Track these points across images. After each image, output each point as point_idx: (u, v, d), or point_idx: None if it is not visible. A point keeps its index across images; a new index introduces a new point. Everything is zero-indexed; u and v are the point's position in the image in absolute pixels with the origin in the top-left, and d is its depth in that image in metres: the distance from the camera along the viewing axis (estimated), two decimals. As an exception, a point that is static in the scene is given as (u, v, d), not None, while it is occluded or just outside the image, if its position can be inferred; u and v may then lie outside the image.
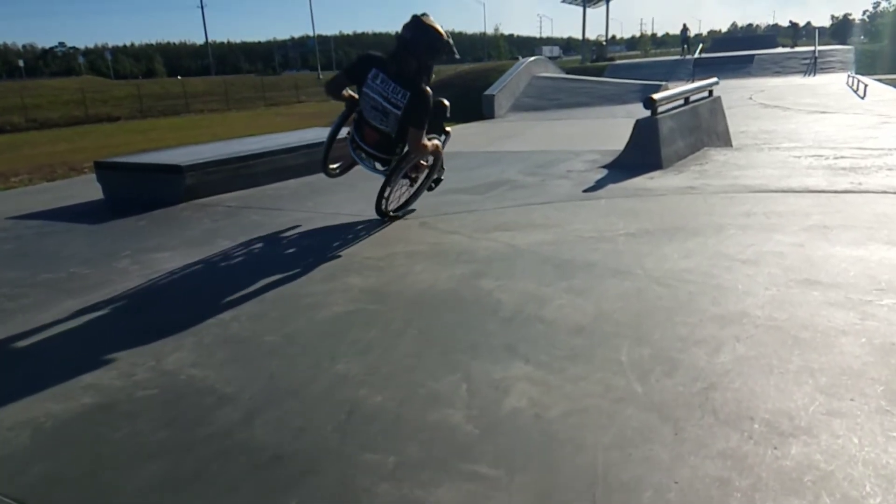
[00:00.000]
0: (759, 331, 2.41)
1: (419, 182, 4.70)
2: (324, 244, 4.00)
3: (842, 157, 6.02)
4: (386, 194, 4.36)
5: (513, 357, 2.29)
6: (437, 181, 4.85)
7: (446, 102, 4.51)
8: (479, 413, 1.90)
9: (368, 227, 4.41)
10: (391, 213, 4.54)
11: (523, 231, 4.14)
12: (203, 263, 3.69)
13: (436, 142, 4.41)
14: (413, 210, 4.77)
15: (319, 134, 7.55)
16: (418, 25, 3.95)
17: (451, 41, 4.06)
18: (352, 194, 5.68)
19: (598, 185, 5.44)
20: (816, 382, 2.02)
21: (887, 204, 4.22)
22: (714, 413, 1.86)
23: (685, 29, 35.96)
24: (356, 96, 4.26)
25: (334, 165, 4.70)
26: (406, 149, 4.14)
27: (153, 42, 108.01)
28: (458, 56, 4.51)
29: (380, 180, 4.37)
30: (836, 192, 4.64)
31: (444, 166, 4.83)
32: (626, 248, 3.59)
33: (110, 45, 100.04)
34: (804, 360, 2.17)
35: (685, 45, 33.86)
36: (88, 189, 6.19)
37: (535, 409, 1.91)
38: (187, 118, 34.74)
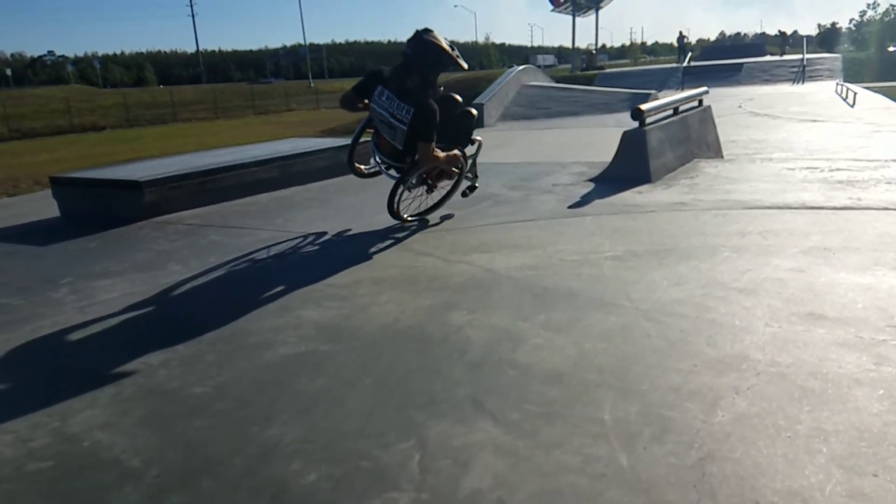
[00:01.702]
0: (761, 380, 2.10)
1: (447, 191, 4.70)
2: (284, 269, 3.67)
3: (837, 170, 5.76)
4: (396, 198, 4.36)
5: (478, 414, 1.97)
6: (472, 188, 4.80)
7: (473, 111, 4.58)
8: (431, 498, 1.58)
9: (337, 247, 4.09)
10: (407, 218, 4.55)
11: (503, 253, 3.83)
12: (146, 292, 3.35)
13: (455, 152, 4.37)
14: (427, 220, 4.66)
15: (296, 145, 7.25)
16: (419, 41, 3.99)
17: (454, 54, 4.08)
18: (324, 210, 5.37)
19: (584, 200, 5.15)
20: (831, 450, 1.71)
21: (890, 222, 3.94)
22: (712, 496, 1.54)
23: (682, 37, 35.90)
24: None
25: (365, 166, 4.75)
26: (417, 158, 4.16)
27: (143, 50, 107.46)
28: (466, 68, 4.46)
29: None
30: (834, 208, 4.36)
31: (478, 174, 4.83)
32: (612, 274, 3.29)
33: (100, 53, 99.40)
34: (815, 419, 1.87)
35: (683, 53, 33.75)
36: (47, 206, 5.83)
37: (499, 492, 1.59)
38: (174, 127, 34.29)
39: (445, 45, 4.04)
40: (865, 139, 10.37)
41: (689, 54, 33.36)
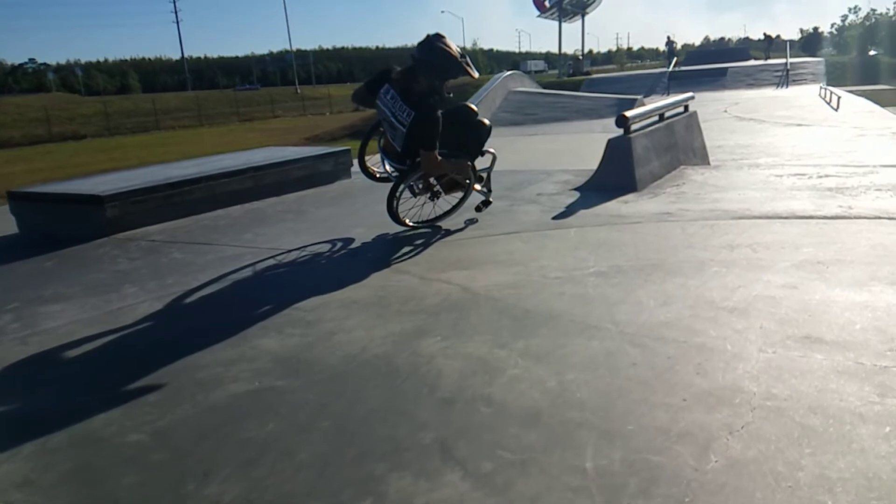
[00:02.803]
0: (757, 416, 1.91)
1: (456, 202, 4.61)
2: (246, 290, 3.45)
3: (826, 176, 5.63)
4: (395, 199, 4.30)
5: (446, 464, 1.77)
6: (486, 203, 4.70)
7: (487, 122, 4.48)
8: (382, 575, 1.37)
9: (306, 265, 3.88)
10: (409, 223, 4.49)
11: (482, 269, 3.64)
12: (95, 320, 3.11)
13: (463, 162, 4.33)
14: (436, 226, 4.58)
15: (270, 155, 7.02)
16: (428, 46, 3.97)
17: (464, 61, 4.04)
18: (298, 223, 5.15)
19: (569, 210, 4.96)
20: (837, 503, 1.52)
21: (884, 233, 3.79)
22: (707, 567, 1.35)
23: (670, 42, 36.05)
24: None
25: (378, 169, 4.68)
26: (419, 161, 4.11)
27: (127, 58, 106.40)
28: (476, 76, 4.38)
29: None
30: (825, 217, 4.21)
31: (492, 188, 4.76)
32: (596, 293, 3.10)
33: (83, 60, 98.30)
34: (817, 463, 1.68)
35: (672, 57, 33.88)
36: (7, 221, 5.56)
37: (462, 565, 1.38)
38: (156, 135, 33.90)
39: (455, 52, 4.00)
40: (851, 143, 10.32)
41: (675, 59, 33.50)
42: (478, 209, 4.67)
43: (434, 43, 3.97)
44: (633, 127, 5.81)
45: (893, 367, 2.15)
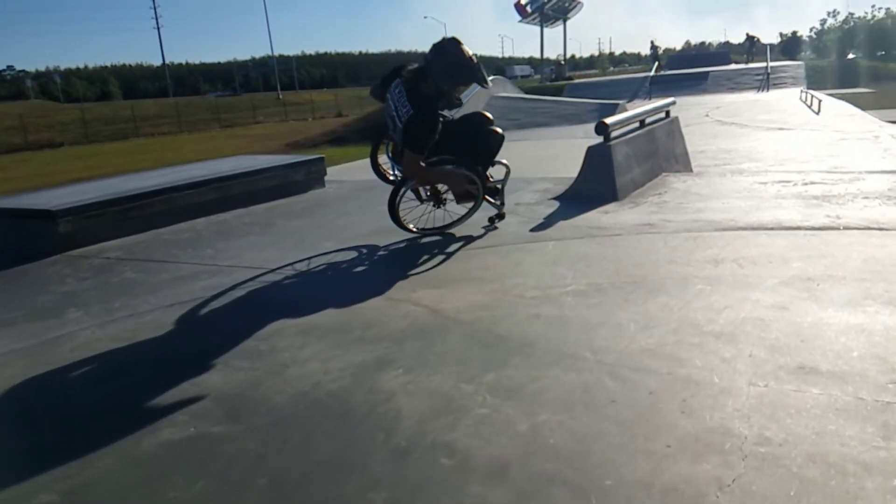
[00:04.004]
0: (749, 466, 1.70)
1: (464, 212, 4.45)
2: (196, 315, 3.19)
3: (811, 183, 5.47)
4: (397, 201, 4.21)
5: (395, 531, 1.53)
6: (500, 216, 4.56)
7: (499, 130, 4.33)
8: None
9: (266, 286, 3.62)
10: (412, 228, 4.38)
11: (454, 288, 3.42)
12: (29, 352, 2.84)
13: (454, 173, 4.16)
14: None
15: (238, 164, 6.75)
16: (440, 49, 3.88)
17: (474, 69, 3.92)
18: (264, 237, 4.90)
19: (548, 222, 4.76)
20: (847, 582, 1.31)
21: (874, 245, 3.62)
22: None
23: (654, 47, 36.19)
24: None
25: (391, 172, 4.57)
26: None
27: (108, 64, 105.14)
28: (487, 86, 4.37)
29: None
30: (812, 228, 4.03)
31: (504, 201, 4.61)
32: (574, 315, 2.89)
33: (62, 67, 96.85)
34: (820, 527, 1.47)
35: (658, 61, 33.99)
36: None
37: None
38: (135, 142, 33.35)
39: (468, 59, 3.88)
40: (834, 147, 10.25)
41: (657, 63, 33.63)
42: (490, 221, 4.54)
43: (446, 47, 3.88)
44: (614, 134, 5.63)
45: (896, 403, 1.95)
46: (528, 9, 43.16)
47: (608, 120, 5.52)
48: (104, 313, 3.29)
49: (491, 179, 4.49)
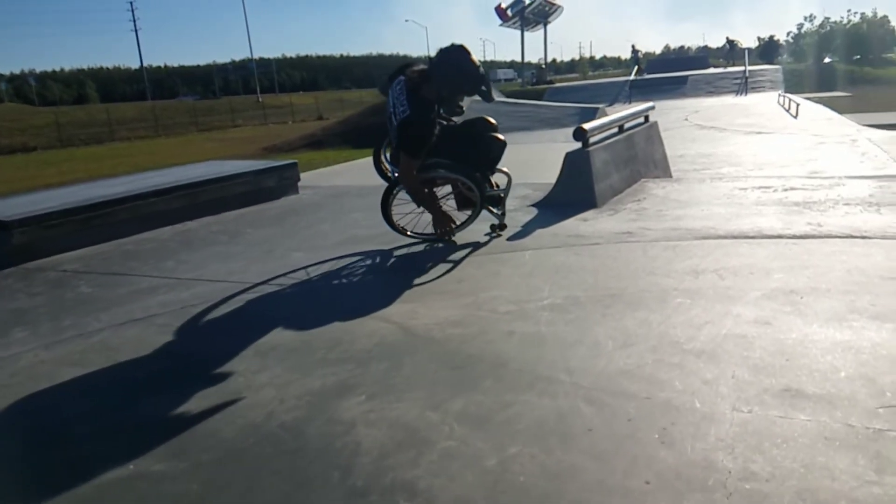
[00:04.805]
0: (735, 506, 1.56)
1: (465, 219, 4.33)
2: (148, 335, 2.98)
3: (791, 189, 5.40)
4: (390, 201, 4.16)
5: (343, 591, 1.37)
6: (501, 226, 4.42)
7: (500, 137, 4.22)
8: None
9: (226, 301, 3.43)
10: (408, 232, 4.33)
11: (426, 302, 3.26)
12: (-37, 377, 2.63)
13: (460, 182, 4.09)
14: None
15: (208, 170, 6.54)
16: (444, 54, 3.76)
17: (477, 80, 3.79)
18: (231, 246, 4.70)
19: (525, 230, 4.63)
20: None
21: (858, 254, 3.52)
22: None
23: (635, 51, 36.34)
24: None
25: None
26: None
27: (85, 67, 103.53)
28: (491, 99, 4.11)
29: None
30: (794, 236, 3.94)
31: (506, 211, 4.48)
32: (549, 332, 2.74)
33: (37, 70, 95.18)
34: (813, 580, 1.33)
35: (637, 65, 34.13)
36: None
37: None
38: (111, 147, 32.72)
39: (473, 70, 3.74)
40: (812, 151, 10.26)
41: (636, 67, 33.80)
42: (492, 230, 4.42)
43: (452, 54, 3.75)
44: (593, 139, 5.52)
45: (888, 431, 1.83)
46: (509, 12, 43.18)
47: (586, 125, 5.41)
48: (52, 333, 3.08)
49: (497, 187, 4.38)
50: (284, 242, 4.75)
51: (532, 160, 10.06)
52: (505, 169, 4.40)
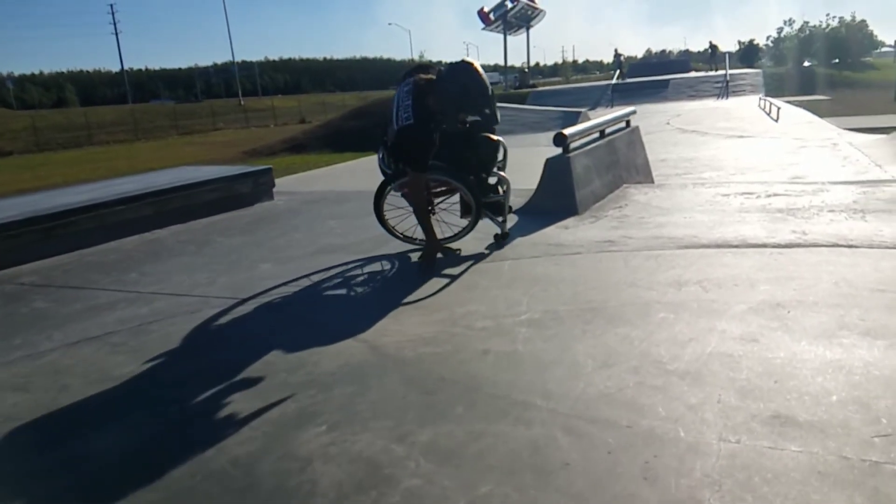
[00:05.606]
0: (723, 555, 1.42)
1: (461, 228, 4.22)
2: (99, 356, 2.79)
3: (775, 195, 5.31)
4: (382, 200, 4.12)
5: None
6: (503, 235, 4.29)
7: (493, 137, 4.09)
8: None
9: (186, 317, 3.24)
10: (400, 234, 4.29)
11: (399, 317, 3.12)
12: None
13: (458, 189, 4.03)
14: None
15: (177, 177, 6.32)
16: (451, 71, 3.68)
17: (481, 102, 3.71)
18: (197, 257, 4.51)
19: (505, 239, 4.48)
20: None
21: (845, 264, 3.42)
22: None
23: (618, 54, 36.37)
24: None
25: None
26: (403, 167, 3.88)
27: (64, 70, 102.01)
28: (496, 122, 3.98)
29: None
30: (779, 246, 3.83)
31: (507, 219, 4.34)
32: (527, 351, 2.60)
33: (16, 73, 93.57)
34: None
35: (619, 69, 34.13)
36: None
37: None
38: (89, 151, 32.16)
39: (477, 89, 3.65)
40: (794, 155, 10.24)
41: (619, 71, 33.89)
42: (496, 238, 4.30)
43: (458, 71, 3.66)
44: (573, 145, 5.39)
45: (886, 464, 1.70)
46: (492, 16, 43.11)
47: (567, 131, 5.29)
48: (1, 352, 2.87)
49: (500, 192, 4.24)
50: (253, 252, 4.56)
51: (514, 165, 9.94)
52: (503, 173, 4.24)
